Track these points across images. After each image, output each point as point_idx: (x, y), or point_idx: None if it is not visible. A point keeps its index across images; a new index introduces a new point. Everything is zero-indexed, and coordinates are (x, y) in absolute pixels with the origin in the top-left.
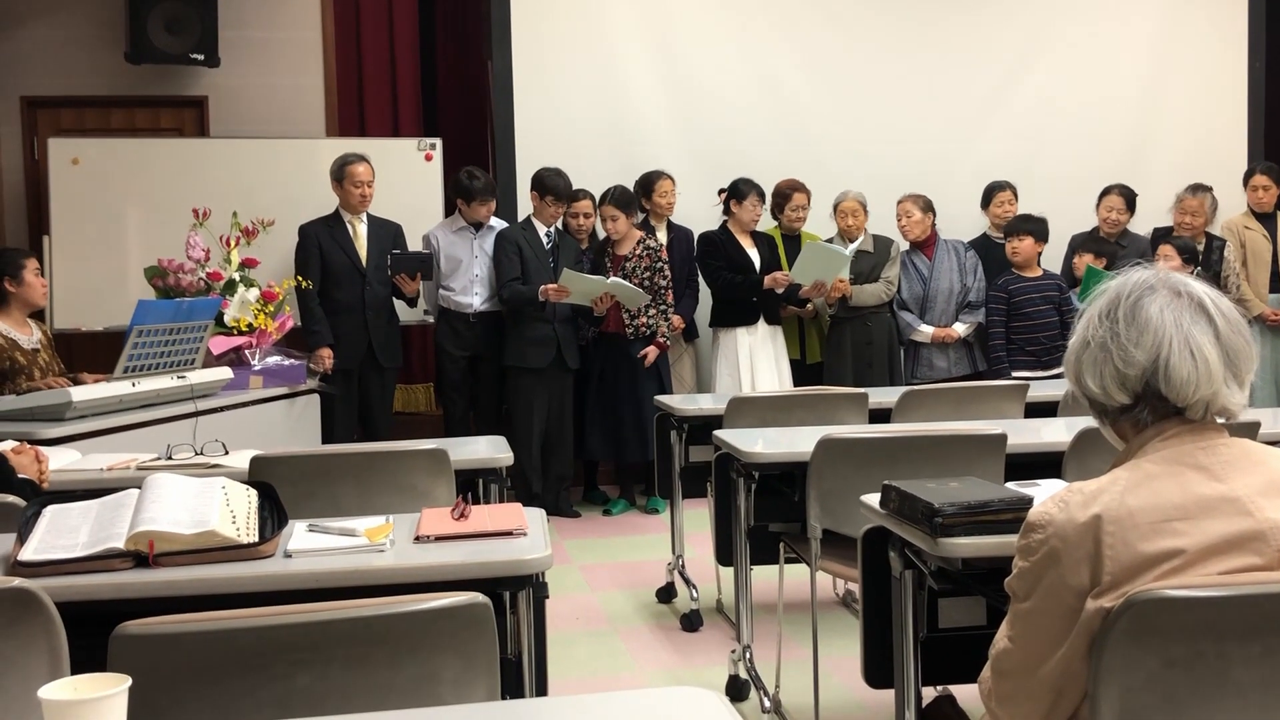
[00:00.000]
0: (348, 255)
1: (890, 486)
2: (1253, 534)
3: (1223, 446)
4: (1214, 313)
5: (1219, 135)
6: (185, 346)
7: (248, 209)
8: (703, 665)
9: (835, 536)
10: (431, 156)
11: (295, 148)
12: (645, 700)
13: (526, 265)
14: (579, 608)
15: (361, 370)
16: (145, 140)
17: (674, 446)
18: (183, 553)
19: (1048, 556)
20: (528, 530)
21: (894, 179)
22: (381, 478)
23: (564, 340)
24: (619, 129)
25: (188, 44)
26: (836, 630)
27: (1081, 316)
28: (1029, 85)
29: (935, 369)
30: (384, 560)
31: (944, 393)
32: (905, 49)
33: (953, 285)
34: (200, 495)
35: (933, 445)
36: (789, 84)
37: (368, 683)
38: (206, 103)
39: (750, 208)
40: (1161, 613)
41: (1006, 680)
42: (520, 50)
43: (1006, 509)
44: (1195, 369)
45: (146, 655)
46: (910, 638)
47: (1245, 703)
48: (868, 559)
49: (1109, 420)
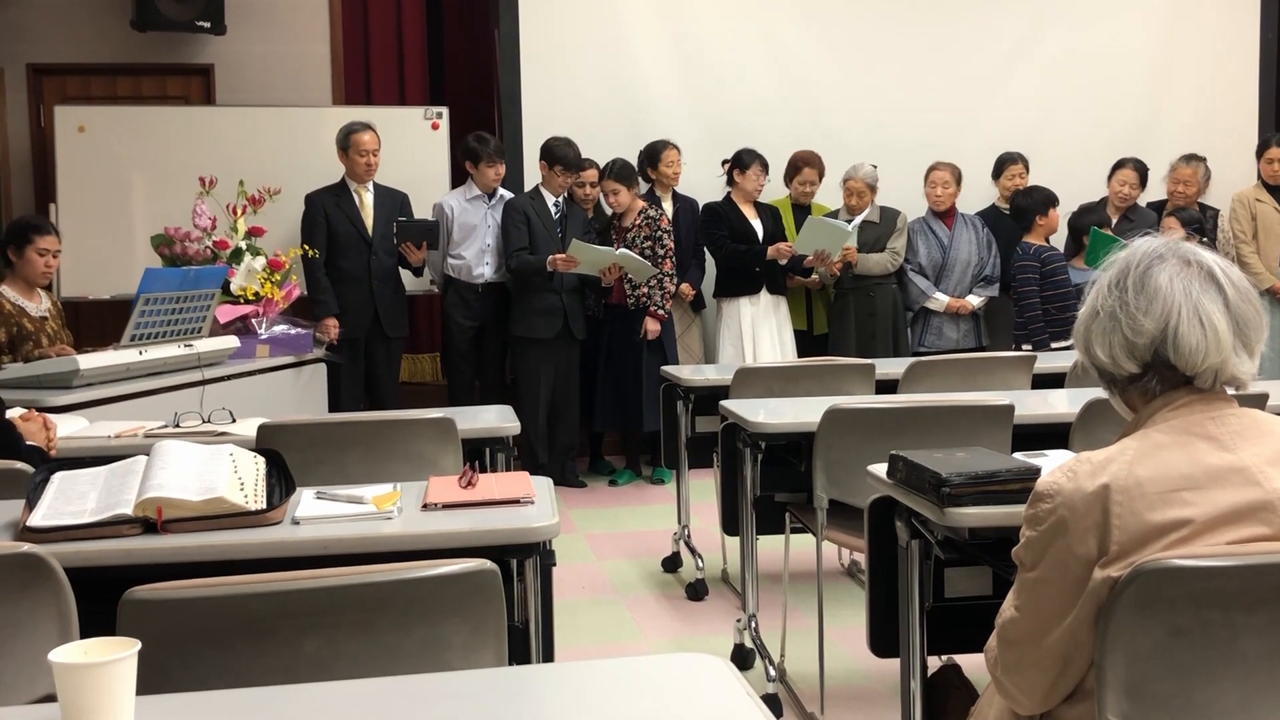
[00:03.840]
0: (354, 224)
1: (898, 456)
2: (1261, 504)
3: (1232, 416)
4: (1224, 281)
5: (1230, 107)
6: (192, 315)
7: (254, 177)
8: (708, 634)
9: (841, 507)
10: (438, 125)
11: (302, 116)
12: (651, 666)
13: (534, 235)
14: (585, 577)
15: (367, 340)
16: (151, 108)
17: (680, 417)
18: (191, 519)
19: (1055, 526)
20: (535, 499)
21: (902, 149)
22: (389, 446)
23: (571, 311)
24: (626, 98)
25: (194, 11)
26: (841, 600)
27: (1092, 286)
28: (1039, 56)
29: (944, 338)
30: (392, 527)
31: (951, 364)
32: (915, 19)
33: (970, 257)
34: (208, 462)
35: (940, 416)
36: (797, 53)
37: (376, 648)
38: (213, 70)
39: (754, 177)
40: (1169, 582)
41: (1013, 649)
42: (527, 19)
43: (1014, 479)
44: (1204, 337)
45: (155, 620)
46: (916, 607)
47: (1252, 672)
48: (874, 529)
49: (1118, 390)
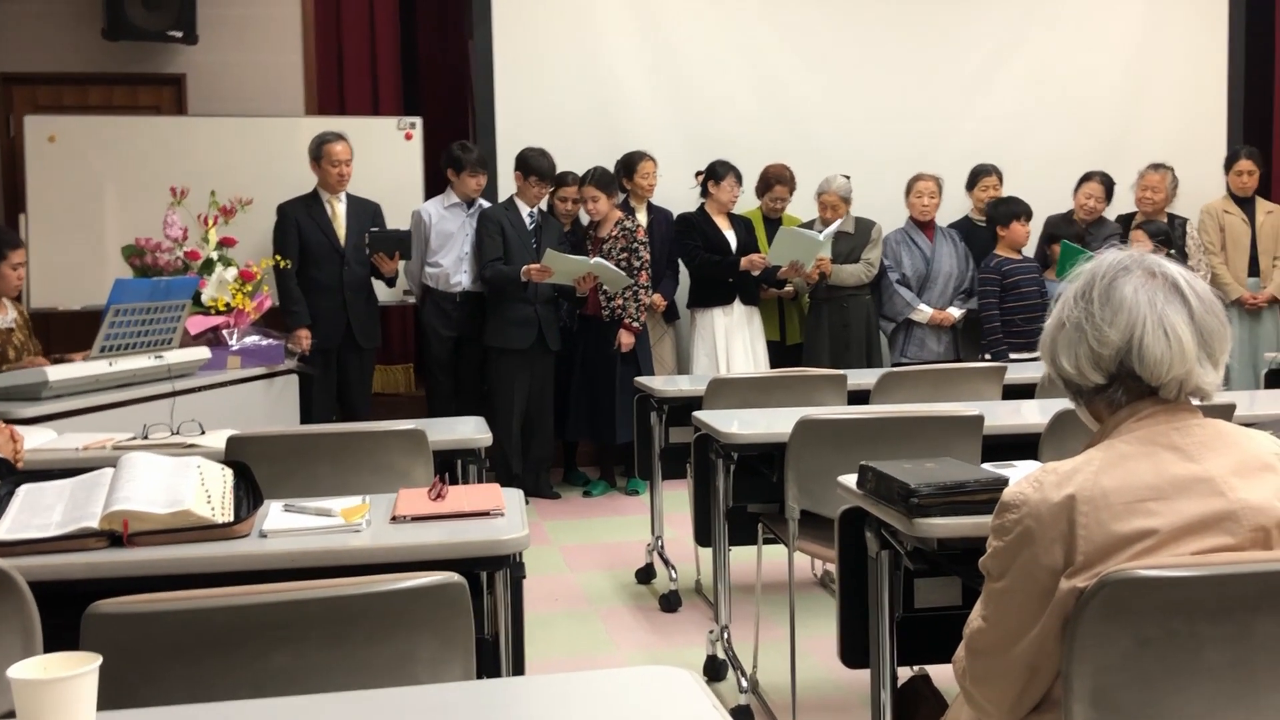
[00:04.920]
0: (326, 235)
1: (867, 467)
2: (1225, 514)
3: (1196, 427)
4: (1188, 293)
5: (1200, 120)
6: (162, 326)
7: (226, 188)
8: (681, 646)
9: (813, 517)
10: (411, 135)
11: (274, 126)
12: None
13: (509, 245)
14: (558, 588)
15: (340, 350)
16: (123, 118)
17: (654, 428)
18: (157, 532)
19: (1022, 536)
20: (505, 510)
21: (878, 160)
22: (359, 458)
23: (545, 321)
24: (601, 109)
25: (166, 21)
26: (814, 611)
27: (1058, 298)
28: (1013, 69)
29: (927, 349)
30: (360, 540)
31: (923, 374)
32: (890, 30)
33: (952, 269)
34: (175, 475)
35: (910, 426)
36: (774, 65)
37: (343, 662)
38: (185, 80)
39: (728, 189)
40: (1134, 593)
41: (980, 659)
42: (501, 29)
43: (982, 489)
44: (1169, 348)
45: (119, 634)
46: (886, 618)
47: (1217, 682)
48: (845, 539)
49: (1084, 400)
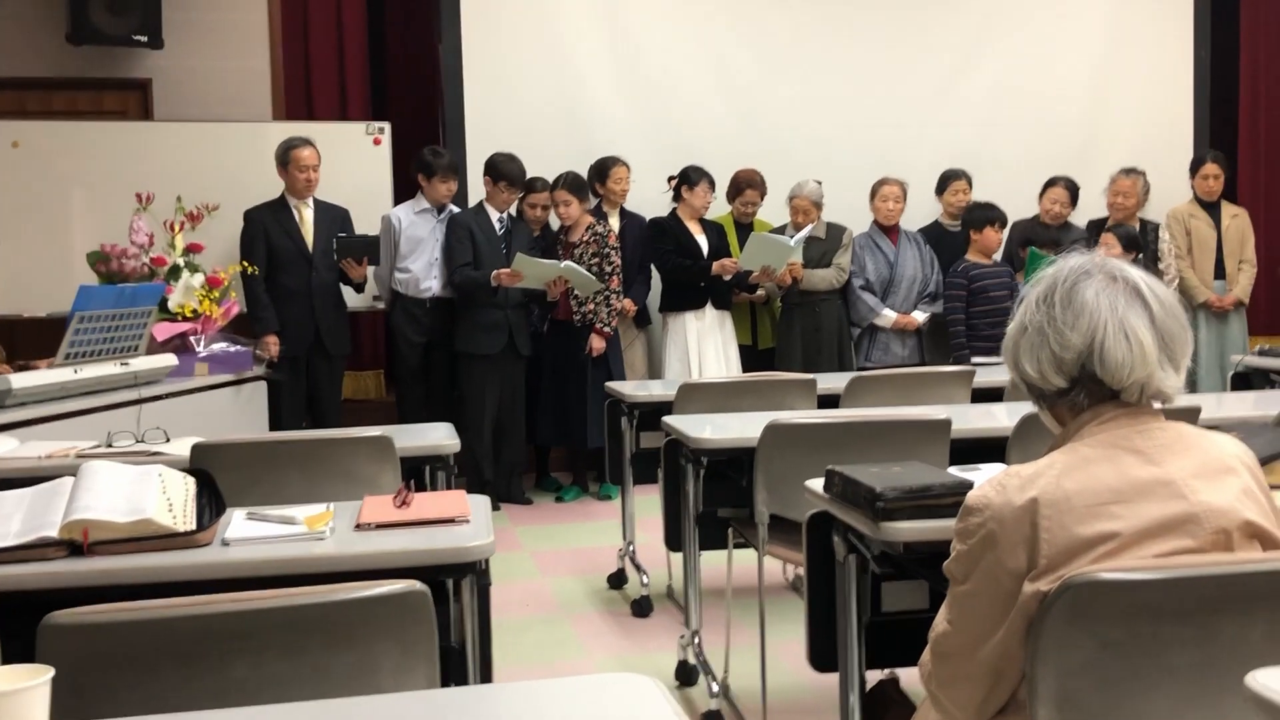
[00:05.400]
0: (294, 241)
1: (833, 471)
2: (1187, 517)
3: (1158, 430)
4: (1149, 297)
5: (1166, 125)
6: (129, 333)
7: (192, 193)
8: (653, 651)
9: (783, 521)
10: (380, 141)
11: (241, 131)
12: (582, 686)
13: (478, 250)
14: (530, 594)
15: (309, 357)
16: (88, 123)
17: (625, 433)
18: (118, 541)
19: (985, 540)
20: (470, 517)
21: (847, 165)
22: (326, 465)
23: (516, 326)
24: (571, 115)
25: (131, 25)
26: (784, 615)
27: (1020, 303)
28: (980, 74)
29: (891, 354)
30: (323, 548)
31: (892, 379)
32: (859, 36)
33: (916, 274)
34: (136, 483)
35: (879, 430)
36: (744, 71)
37: (304, 671)
38: (150, 85)
39: (701, 194)
40: (1097, 595)
41: (946, 663)
42: (470, 33)
43: (947, 493)
44: (1130, 352)
45: (76, 645)
46: (854, 622)
47: (1180, 684)
48: (812, 543)
49: (1046, 404)
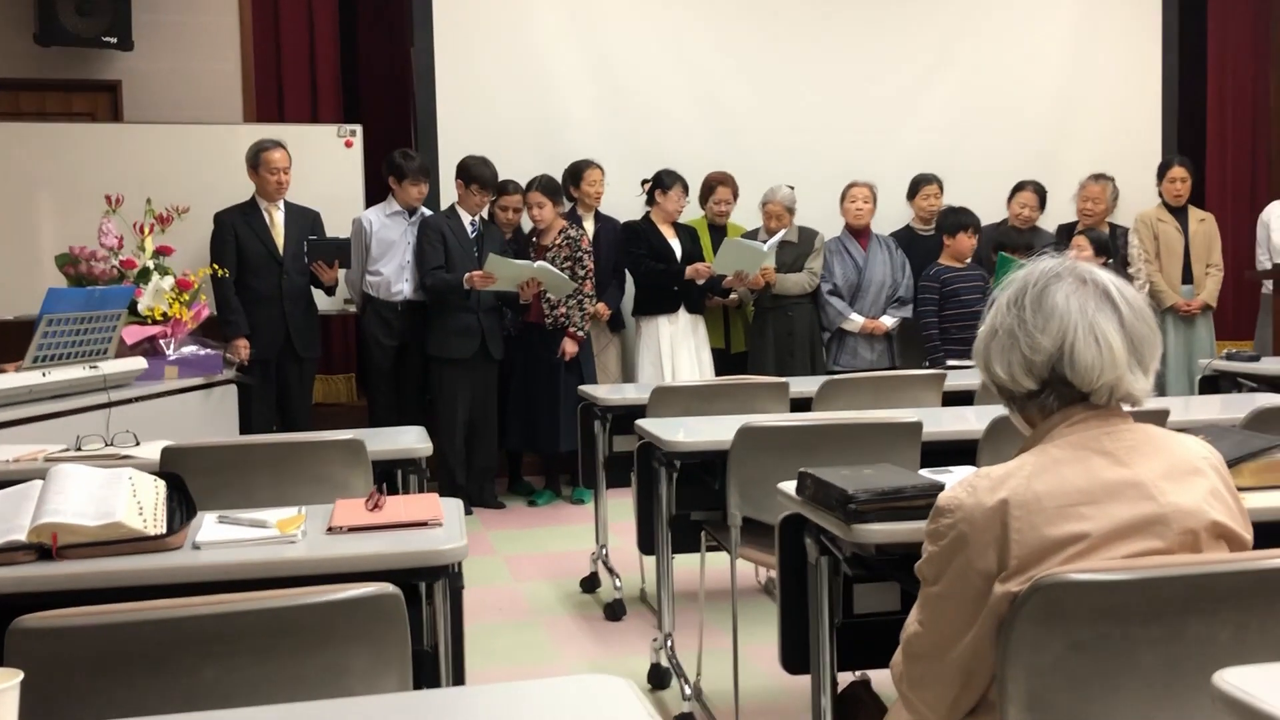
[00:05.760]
0: (264, 243)
1: (806, 474)
2: (1155, 518)
3: (1127, 432)
4: (1118, 300)
5: (1134, 130)
6: (98, 336)
7: (162, 196)
8: (625, 654)
9: (756, 524)
10: (352, 143)
11: (211, 134)
12: (554, 688)
13: (450, 253)
14: (503, 599)
15: (279, 360)
16: (56, 125)
17: (598, 436)
18: (88, 545)
19: (956, 541)
20: (443, 521)
21: (818, 170)
22: (297, 469)
23: (488, 330)
24: (543, 118)
25: (100, 26)
26: (757, 618)
27: (991, 305)
28: (950, 80)
29: (859, 358)
30: (295, 552)
31: (863, 382)
32: (830, 42)
33: (885, 278)
34: (106, 486)
35: (851, 433)
36: (715, 75)
37: (276, 675)
38: (120, 87)
39: (675, 198)
40: (1067, 596)
41: (917, 663)
42: (443, 36)
43: (919, 495)
44: (1100, 354)
45: (46, 650)
46: (826, 624)
47: (1148, 684)
48: (785, 546)
49: (1017, 406)
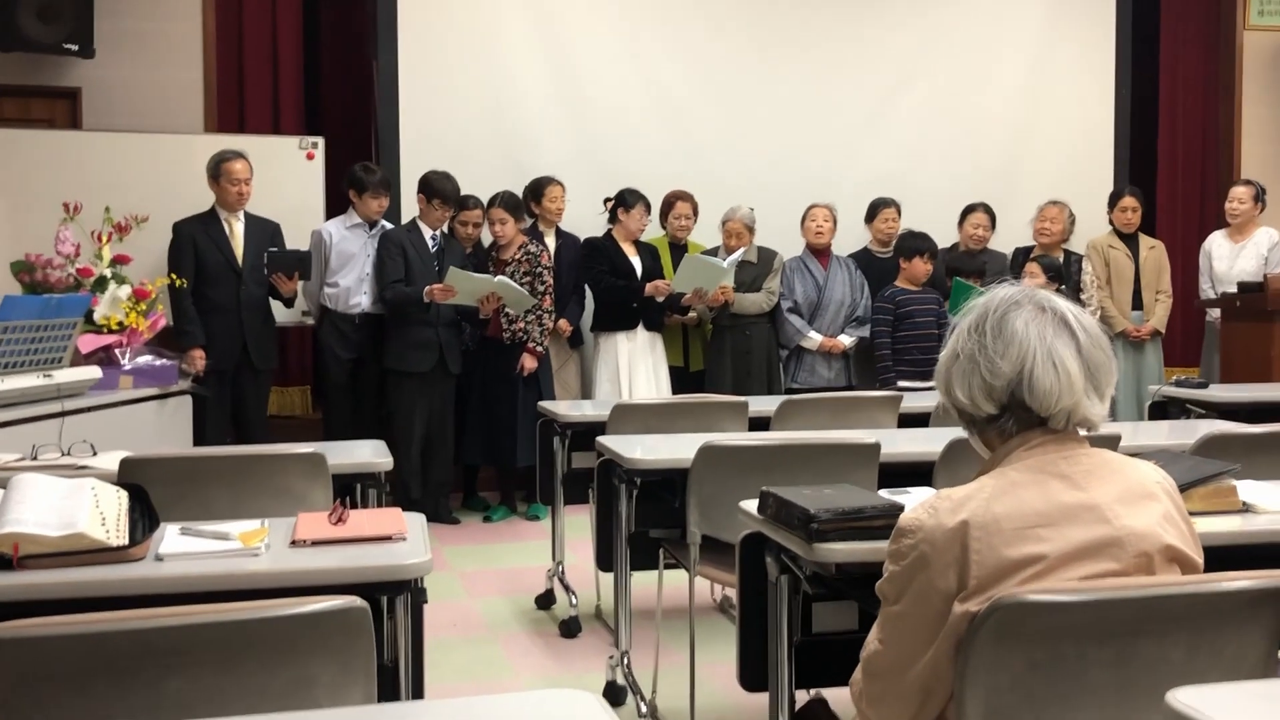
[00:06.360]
0: (223, 254)
1: (768, 493)
2: (1111, 540)
3: (1084, 456)
4: (1076, 327)
5: (1086, 159)
6: (53, 344)
7: (121, 204)
8: (581, 671)
9: (714, 542)
10: (313, 155)
11: (172, 143)
12: (522, 703)
13: (410, 267)
14: (457, 615)
15: (235, 372)
16: (14, 131)
17: (557, 453)
18: (49, 555)
19: (917, 561)
20: (407, 535)
21: (779, 190)
22: (256, 481)
23: (447, 344)
24: (506, 134)
25: (61, 33)
26: (713, 636)
27: (952, 330)
28: (910, 104)
29: (817, 376)
30: (259, 564)
31: (821, 402)
32: (792, 65)
33: (844, 298)
34: (69, 496)
35: (810, 453)
36: (678, 94)
37: (241, 687)
38: (80, 94)
39: (637, 217)
40: (1024, 616)
41: (877, 681)
42: (406, 50)
43: (879, 515)
44: (1058, 380)
45: (7, 660)
46: (785, 641)
47: (1102, 704)
48: (745, 564)
49: (977, 430)
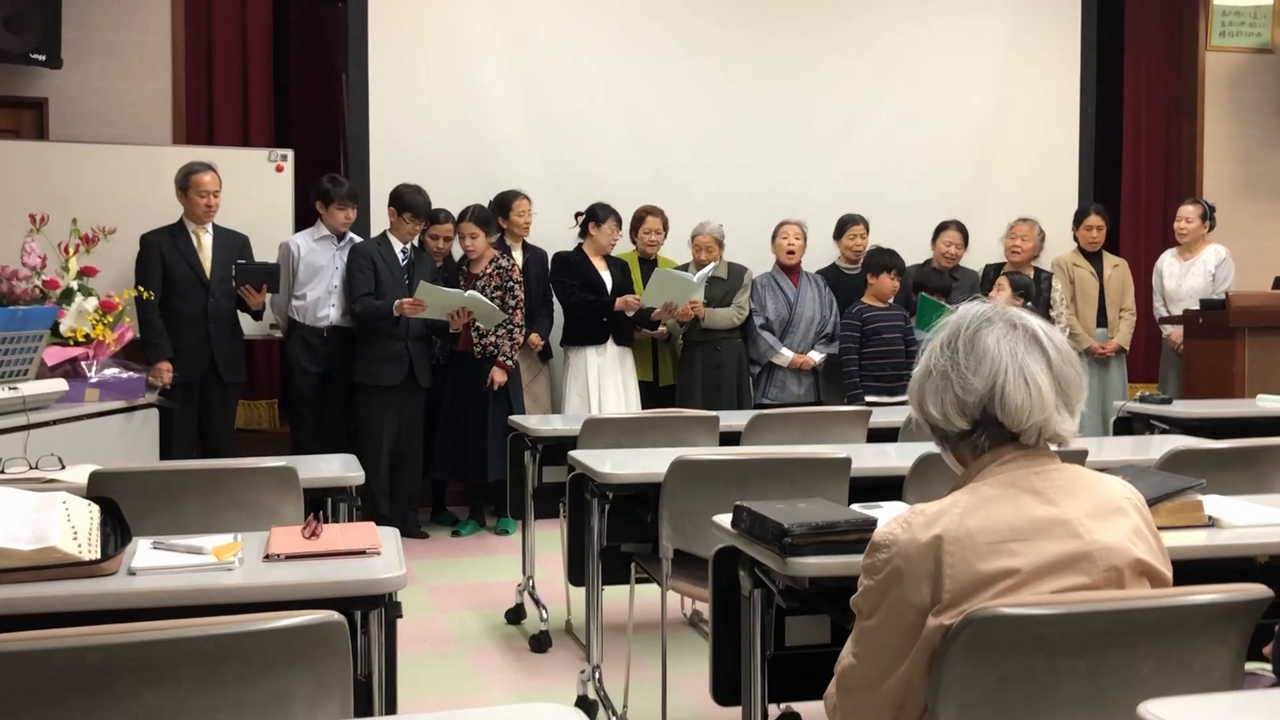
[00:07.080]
0: (191, 266)
1: (742, 507)
2: (1081, 555)
3: (1055, 471)
4: (1047, 344)
5: (1052, 177)
6: (18, 356)
7: (88, 216)
8: (551, 685)
9: (685, 556)
10: (283, 168)
11: (140, 154)
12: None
13: (381, 281)
14: (427, 630)
15: (202, 384)
16: None
17: (528, 467)
18: (20, 569)
19: (891, 575)
20: (381, 549)
21: (748, 207)
22: (227, 495)
23: (416, 358)
24: (476, 148)
25: (28, 43)
26: (684, 650)
27: (925, 347)
28: (876, 122)
29: (787, 391)
30: (233, 579)
31: (791, 417)
32: (761, 81)
33: (814, 314)
34: (40, 510)
35: (781, 467)
36: (648, 110)
37: (218, 701)
38: (46, 104)
39: (608, 231)
40: (997, 630)
41: (851, 695)
42: (376, 63)
43: (852, 530)
44: (1029, 396)
45: None
46: (758, 655)
47: (1074, 715)
48: (718, 578)
49: (949, 445)
